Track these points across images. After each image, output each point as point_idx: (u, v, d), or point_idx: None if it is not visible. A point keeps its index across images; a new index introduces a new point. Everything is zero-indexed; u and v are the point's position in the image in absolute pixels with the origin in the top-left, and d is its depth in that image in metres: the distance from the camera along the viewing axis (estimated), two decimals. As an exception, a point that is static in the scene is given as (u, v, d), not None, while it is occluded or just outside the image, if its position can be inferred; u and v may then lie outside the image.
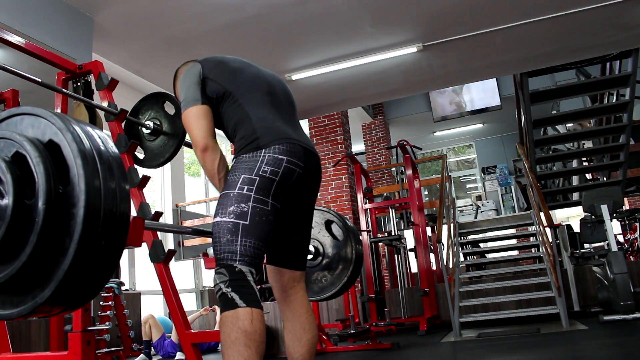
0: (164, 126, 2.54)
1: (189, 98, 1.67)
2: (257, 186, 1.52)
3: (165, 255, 2.16)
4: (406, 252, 6.47)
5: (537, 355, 3.07)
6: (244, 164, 1.57)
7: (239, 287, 1.43)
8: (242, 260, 1.46)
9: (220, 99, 1.70)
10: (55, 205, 0.94)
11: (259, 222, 1.51)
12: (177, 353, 4.40)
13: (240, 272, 1.45)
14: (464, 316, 4.47)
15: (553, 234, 4.65)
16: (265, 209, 1.53)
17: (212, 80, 1.70)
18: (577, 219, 6.30)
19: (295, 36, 4.60)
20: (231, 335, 1.37)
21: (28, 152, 0.96)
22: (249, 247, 1.48)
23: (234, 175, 1.56)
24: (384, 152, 9.31)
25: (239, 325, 1.37)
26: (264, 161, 1.56)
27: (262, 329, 1.41)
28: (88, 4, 3.78)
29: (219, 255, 1.49)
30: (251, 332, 1.37)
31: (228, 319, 1.39)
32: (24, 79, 2.08)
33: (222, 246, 1.48)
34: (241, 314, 1.38)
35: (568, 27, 4.76)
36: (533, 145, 6.25)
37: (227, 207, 1.51)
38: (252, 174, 1.54)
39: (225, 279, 1.44)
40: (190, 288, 7.25)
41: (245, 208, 1.50)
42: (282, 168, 1.57)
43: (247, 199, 1.51)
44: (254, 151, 1.58)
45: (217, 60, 1.79)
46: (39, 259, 0.95)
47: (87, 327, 1.86)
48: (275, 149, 1.58)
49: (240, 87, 1.71)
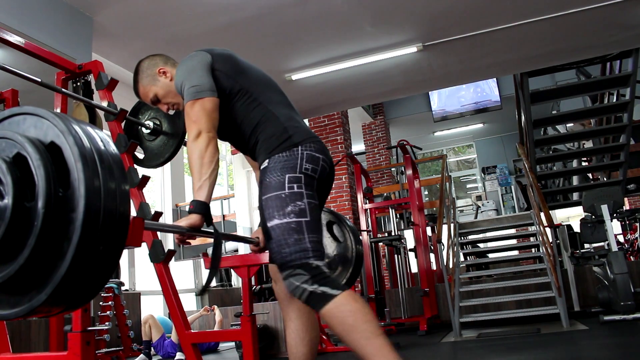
0: (164, 126, 2.54)
1: (204, 86, 1.55)
2: (304, 183, 1.51)
3: (165, 255, 2.16)
4: (406, 252, 6.47)
5: (537, 355, 3.07)
6: (282, 163, 1.52)
7: (323, 279, 1.42)
8: (314, 256, 1.45)
9: (232, 96, 1.61)
10: (55, 208, 0.94)
11: (317, 217, 1.51)
12: (177, 353, 4.40)
13: (318, 267, 1.44)
14: (464, 316, 4.47)
15: (553, 234, 4.65)
16: (316, 204, 1.53)
17: (224, 74, 1.61)
18: (577, 219, 6.30)
19: (295, 36, 4.60)
20: (347, 321, 1.36)
21: (29, 154, 0.96)
22: (316, 242, 1.47)
23: (276, 176, 1.51)
24: (384, 152, 9.31)
25: (348, 309, 1.36)
26: (304, 158, 1.53)
27: (364, 302, 1.41)
28: (88, 4, 3.78)
29: (289, 257, 1.44)
30: (361, 307, 1.37)
31: (334, 311, 1.38)
32: (24, 78, 2.08)
33: (290, 247, 1.45)
34: (343, 300, 1.38)
35: (568, 27, 4.76)
36: (533, 145, 6.25)
37: (283, 208, 1.47)
38: (296, 172, 1.51)
39: (306, 278, 1.42)
40: (190, 288, 7.25)
41: (302, 205, 1.48)
42: (319, 166, 1.56)
43: (300, 196, 1.49)
44: (290, 149, 1.54)
45: (226, 53, 1.68)
46: (36, 261, 0.94)
47: (87, 327, 1.85)
48: (310, 147, 1.56)
49: (257, 86, 1.64)
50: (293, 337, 1.66)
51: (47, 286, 0.94)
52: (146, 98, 1.78)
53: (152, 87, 1.75)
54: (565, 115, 6.50)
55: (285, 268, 1.45)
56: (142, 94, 1.78)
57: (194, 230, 1.46)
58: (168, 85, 1.74)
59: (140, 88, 1.77)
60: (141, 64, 1.78)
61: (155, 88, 1.75)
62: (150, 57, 1.80)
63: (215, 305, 5.21)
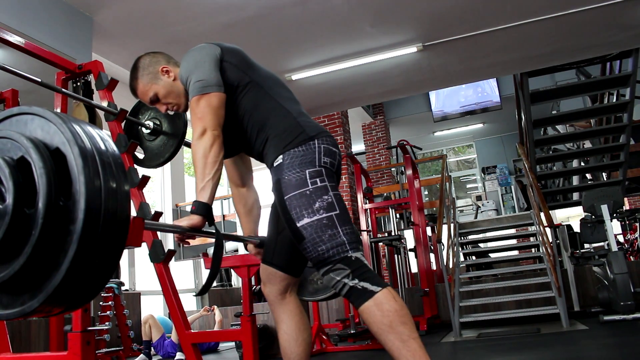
0: (164, 126, 2.53)
1: (210, 81, 1.50)
2: (326, 175, 1.46)
3: (165, 255, 2.16)
4: (406, 252, 6.47)
5: (537, 355, 3.07)
6: (300, 158, 1.46)
7: (364, 274, 1.39)
8: (352, 247, 1.41)
9: (240, 89, 1.56)
10: (54, 219, 0.94)
11: (344, 207, 1.46)
12: (177, 353, 4.40)
13: (357, 260, 1.40)
14: (464, 316, 4.47)
15: (553, 234, 4.65)
16: (339, 194, 1.48)
17: (234, 66, 1.56)
18: (577, 219, 6.30)
19: (295, 36, 4.60)
20: (384, 321, 1.34)
21: (33, 160, 0.95)
22: (350, 233, 1.43)
23: (296, 173, 1.45)
24: (384, 152, 9.31)
25: (387, 308, 1.34)
26: (322, 152, 1.48)
27: (403, 302, 1.39)
28: (88, 4, 3.78)
29: (327, 253, 1.40)
30: (399, 308, 1.35)
31: (372, 309, 1.35)
32: (24, 78, 2.08)
33: (326, 243, 1.40)
34: (382, 298, 1.36)
35: (568, 27, 4.76)
36: (533, 145, 6.25)
37: (311, 205, 1.42)
38: (316, 166, 1.46)
39: (347, 272, 1.38)
40: (190, 288, 7.25)
41: (330, 199, 1.43)
42: (336, 159, 1.52)
43: (325, 189, 1.44)
44: (306, 143, 1.48)
45: (233, 47, 1.63)
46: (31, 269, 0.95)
47: (87, 327, 1.85)
48: (327, 141, 1.51)
49: (266, 80, 1.60)
50: (286, 338, 1.64)
51: (40, 294, 0.94)
52: (144, 96, 1.68)
53: (153, 85, 1.66)
54: (565, 115, 6.50)
55: (324, 265, 1.41)
56: (140, 91, 1.68)
57: (194, 231, 1.45)
58: (170, 85, 1.66)
59: (140, 86, 1.67)
60: (141, 60, 1.69)
61: (157, 87, 1.66)
62: (151, 54, 1.71)
63: (215, 305, 5.21)
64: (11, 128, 1.04)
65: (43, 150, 0.97)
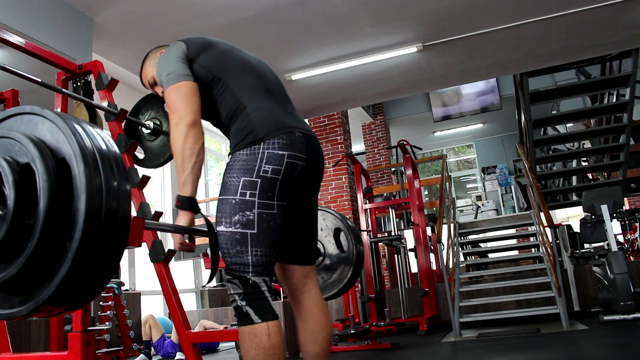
0: (164, 126, 2.54)
1: (178, 72, 1.50)
2: (260, 189, 1.40)
3: (165, 255, 2.16)
4: (406, 252, 6.47)
5: (537, 355, 3.07)
6: (241, 163, 1.43)
7: (253, 300, 1.38)
8: (255, 271, 1.39)
9: (208, 86, 1.54)
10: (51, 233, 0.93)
11: (268, 229, 1.41)
12: (177, 353, 4.40)
13: (254, 284, 1.39)
14: (464, 316, 4.47)
15: (553, 234, 4.65)
16: (271, 213, 1.42)
17: (198, 64, 1.54)
18: (577, 219, 6.30)
19: (295, 36, 4.60)
20: (250, 352, 1.35)
21: (38, 171, 0.94)
22: (260, 257, 1.40)
23: (233, 178, 1.43)
24: (384, 152, 9.31)
25: (257, 342, 1.34)
26: (264, 159, 1.42)
27: (280, 341, 1.37)
28: (88, 4, 3.78)
29: (230, 266, 1.41)
30: (269, 347, 1.34)
31: (245, 335, 1.36)
32: (24, 79, 2.08)
33: (232, 258, 1.40)
34: (258, 330, 1.35)
35: (568, 27, 4.76)
36: (533, 145, 6.25)
37: (231, 216, 1.40)
38: (253, 176, 1.41)
39: (240, 292, 1.39)
40: (190, 288, 7.25)
41: (251, 216, 1.39)
42: (283, 165, 1.43)
43: (251, 205, 1.40)
44: (251, 146, 1.44)
45: (202, 41, 1.62)
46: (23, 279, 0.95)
47: (87, 327, 1.86)
48: (274, 144, 1.44)
49: (231, 71, 1.55)
50: (306, 336, 1.60)
51: (48, 287, 0.94)
52: (144, 80, 1.76)
53: (151, 68, 1.73)
54: (565, 115, 6.50)
55: (227, 273, 1.43)
56: (142, 76, 1.76)
57: (187, 230, 1.46)
58: None
59: (142, 71, 1.76)
60: (150, 50, 1.78)
61: (153, 70, 1.72)
62: (157, 47, 1.81)
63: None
64: (21, 127, 1.03)
65: (49, 160, 0.96)
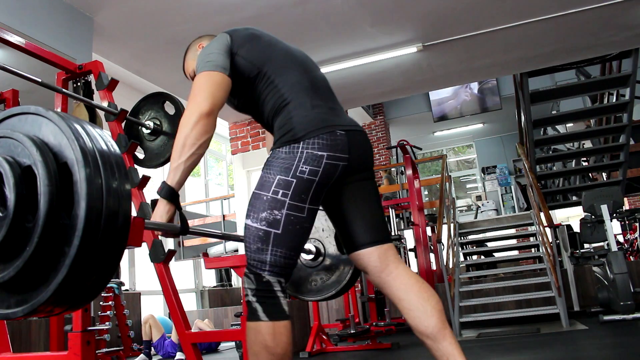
0: (164, 126, 2.54)
1: (216, 62, 1.45)
2: (293, 191, 1.37)
3: (165, 255, 2.16)
4: (406, 252, 6.47)
5: (537, 355, 3.07)
6: (280, 161, 1.40)
7: (263, 298, 1.37)
8: (271, 270, 1.38)
9: (252, 81, 1.51)
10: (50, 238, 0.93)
11: (293, 231, 1.39)
12: (177, 353, 4.40)
13: (267, 283, 1.37)
14: (464, 316, 4.47)
15: (553, 234, 4.65)
16: (300, 217, 1.39)
17: (241, 57, 1.51)
18: (577, 219, 6.30)
19: (295, 36, 4.60)
20: (253, 348, 1.34)
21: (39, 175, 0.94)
22: (279, 257, 1.38)
23: (269, 175, 1.40)
24: (384, 152, 9.32)
25: (260, 340, 1.33)
26: (302, 159, 1.38)
27: (285, 341, 1.34)
28: (88, 4, 3.78)
29: (249, 260, 1.40)
30: (272, 346, 1.32)
31: (251, 331, 1.36)
32: (24, 79, 2.08)
33: (252, 253, 1.39)
34: (263, 328, 1.34)
35: (568, 27, 4.76)
36: (533, 145, 6.25)
37: (259, 212, 1.39)
38: (289, 175, 1.38)
39: (252, 287, 1.38)
40: (190, 288, 7.26)
41: (279, 216, 1.37)
42: (322, 166, 1.39)
43: (281, 205, 1.37)
44: (291, 144, 1.41)
45: (247, 33, 1.58)
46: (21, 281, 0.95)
47: (87, 327, 1.86)
48: (314, 144, 1.40)
49: (275, 65, 1.52)
50: (412, 314, 1.46)
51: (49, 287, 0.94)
52: (187, 74, 1.75)
53: (191, 62, 1.71)
54: (565, 115, 6.50)
55: (246, 266, 1.42)
56: (185, 69, 1.75)
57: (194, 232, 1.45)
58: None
59: (185, 64, 1.75)
60: (191, 42, 1.76)
61: (193, 63, 1.69)
62: (199, 37, 1.78)
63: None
64: (24, 128, 1.02)
65: (51, 164, 0.95)
